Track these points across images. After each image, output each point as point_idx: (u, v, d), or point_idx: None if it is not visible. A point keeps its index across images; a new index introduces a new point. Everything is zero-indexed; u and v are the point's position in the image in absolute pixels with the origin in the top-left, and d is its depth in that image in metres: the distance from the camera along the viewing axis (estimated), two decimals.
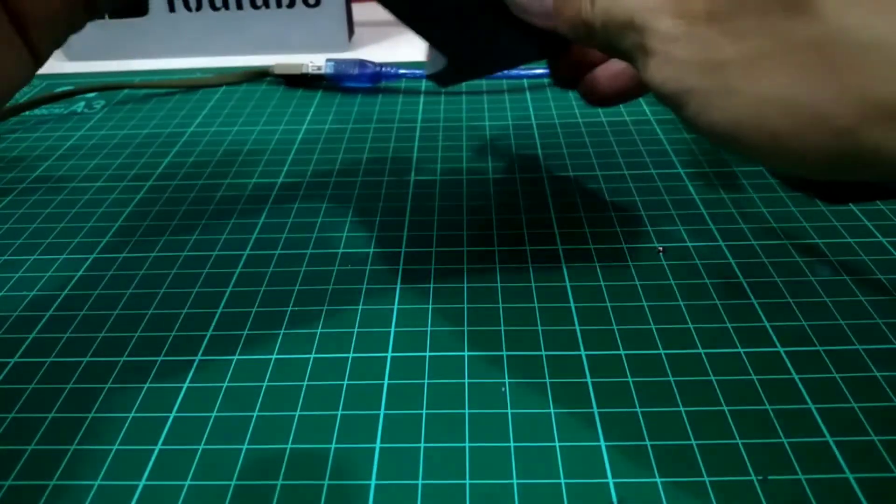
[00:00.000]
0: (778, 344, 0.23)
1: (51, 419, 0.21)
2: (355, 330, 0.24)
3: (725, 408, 0.21)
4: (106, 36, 0.51)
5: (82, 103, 0.45)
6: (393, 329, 0.24)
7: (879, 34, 0.14)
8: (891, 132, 0.14)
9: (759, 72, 0.16)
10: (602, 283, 0.26)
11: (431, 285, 0.26)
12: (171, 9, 0.50)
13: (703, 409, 0.21)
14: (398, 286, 0.26)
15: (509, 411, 0.21)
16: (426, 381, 0.22)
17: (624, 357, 0.23)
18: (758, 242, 0.28)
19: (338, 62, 0.44)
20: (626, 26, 0.18)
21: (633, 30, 0.18)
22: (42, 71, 0.49)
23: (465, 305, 0.25)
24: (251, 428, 0.21)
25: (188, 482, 0.19)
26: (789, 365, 0.22)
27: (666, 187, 0.32)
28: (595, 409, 0.21)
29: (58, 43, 0.22)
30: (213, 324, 0.25)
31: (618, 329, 0.24)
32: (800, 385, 0.21)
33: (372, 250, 0.28)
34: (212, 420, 0.21)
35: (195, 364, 0.23)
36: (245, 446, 0.20)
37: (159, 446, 0.20)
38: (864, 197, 0.23)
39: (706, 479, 0.19)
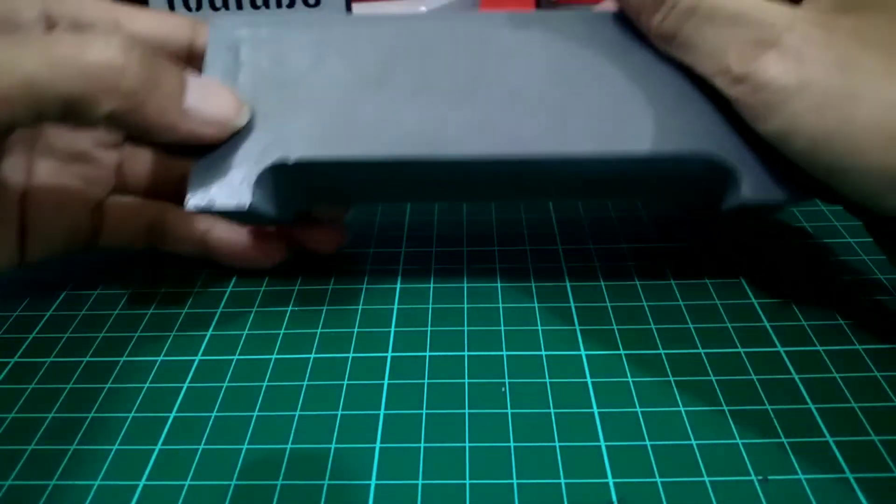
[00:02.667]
0: (778, 344, 0.23)
1: (51, 419, 0.21)
2: (355, 330, 0.24)
3: (725, 408, 0.21)
4: None
5: None
6: (393, 329, 0.24)
7: None
8: None
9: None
10: (602, 283, 0.26)
11: (431, 285, 0.26)
12: (171, 8, 0.50)
13: (703, 409, 0.21)
14: (398, 286, 0.26)
15: (509, 411, 0.21)
16: (426, 381, 0.22)
17: (624, 357, 0.23)
18: (758, 242, 0.28)
19: None
20: (730, 20, 0.19)
21: (738, 25, 0.19)
22: None
23: (465, 305, 0.25)
24: (251, 428, 0.21)
25: (188, 482, 0.19)
26: (789, 365, 0.22)
27: None
28: (595, 409, 0.21)
29: (49, 255, 0.25)
30: (213, 323, 0.25)
31: (618, 329, 0.24)
32: (800, 385, 0.21)
33: (372, 250, 0.28)
34: (212, 420, 0.21)
35: (195, 364, 0.23)
36: (245, 446, 0.20)
37: (159, 446, 0.20)
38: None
39: (706, 479, 0.19)
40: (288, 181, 0.22)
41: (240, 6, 0.50)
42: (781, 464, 0.19)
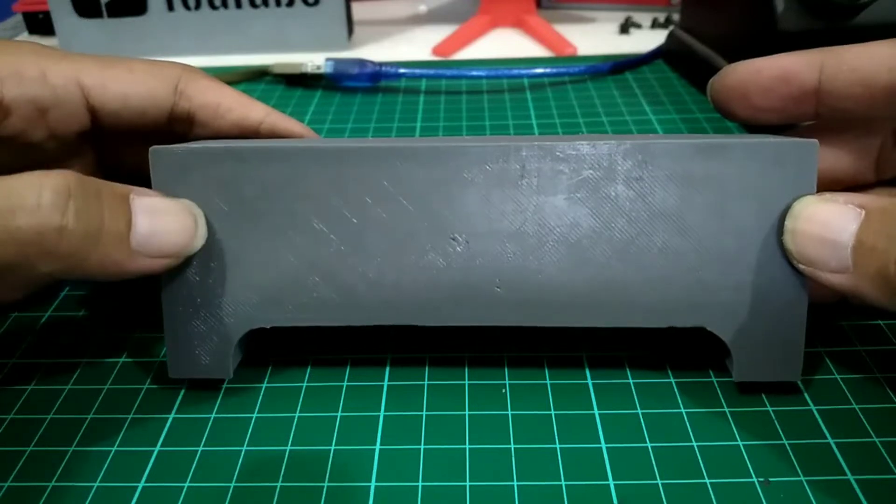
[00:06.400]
0: None
1: (50, 420, 0.21)
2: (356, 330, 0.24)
3: (727, 409, 0.21)
4: (104, 35, 0.50)
5: None
6: (393, 330, 0.24)
7: None
8: None
9: None
10: None
11: None
12: (170, 7, 0.50)
13: (704, 411, 0.21)
14: None
15: (510, 412, 0.21)
16: (426, 382, 0.22)
17: (625, 358, 0.23)
18: None
19: (337, 61, 0.44)
20: None
21: None
22: None
23: None
24: (250, 429, 0.21)
25: (187, 483, 0.19)
26: None
27: None
28: (596, 411, 0.21)
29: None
30: None
31: (618, 329, 0.24)
32: (800, 385, 0.21)
33: None
34: (211, 421, 0.21)
35: None
36: (244, 448, 0.20)
37: (158, 448, 0.20)
38: None
39: (707, 480, 0.19)
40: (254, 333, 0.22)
41: (239, 5, 0.50)
42: (783, 466, 0.19)
